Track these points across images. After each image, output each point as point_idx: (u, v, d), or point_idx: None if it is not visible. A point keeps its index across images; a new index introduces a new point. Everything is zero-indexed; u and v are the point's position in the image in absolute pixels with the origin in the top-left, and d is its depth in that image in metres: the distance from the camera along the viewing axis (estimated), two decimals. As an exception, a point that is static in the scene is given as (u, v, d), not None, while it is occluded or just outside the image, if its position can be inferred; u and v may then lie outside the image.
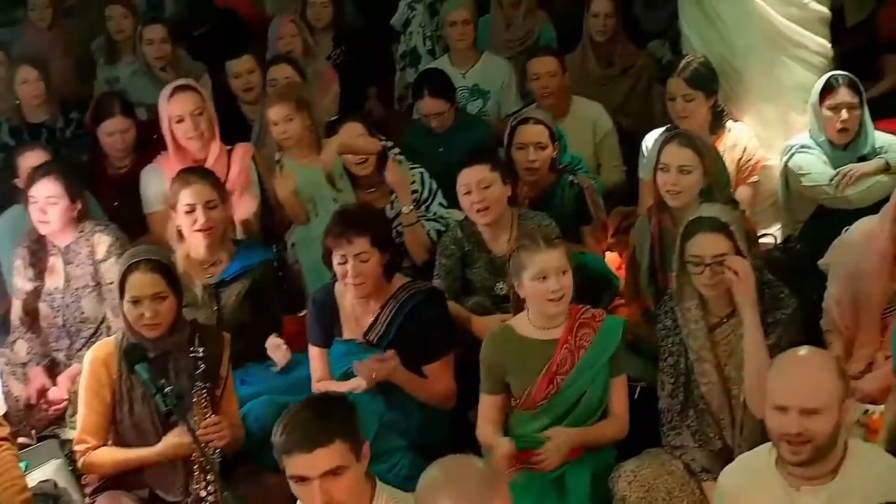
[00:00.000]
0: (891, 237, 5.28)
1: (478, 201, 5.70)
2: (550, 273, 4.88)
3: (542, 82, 7.17)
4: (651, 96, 7.70)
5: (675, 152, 5.57)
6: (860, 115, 6.30)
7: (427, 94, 7.15)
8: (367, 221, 5.27)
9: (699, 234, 4.82)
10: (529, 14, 8.46)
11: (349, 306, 5.35)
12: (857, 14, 8.09)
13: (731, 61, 6.64)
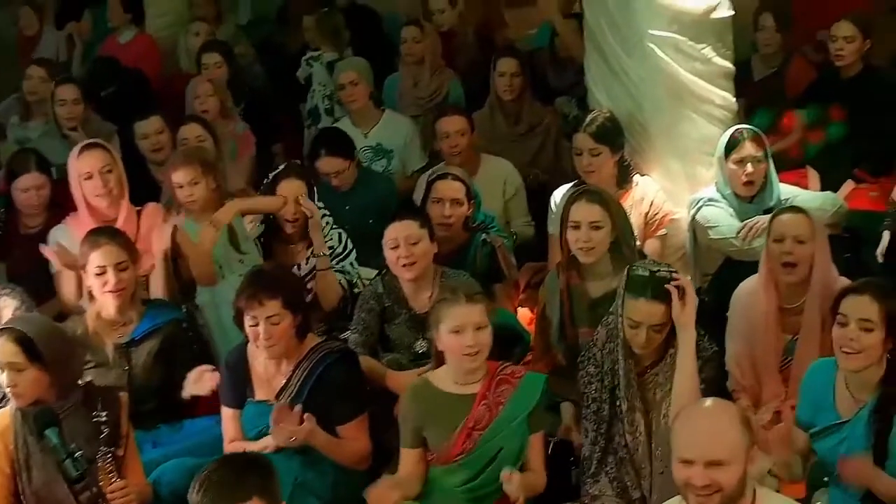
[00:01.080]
0: (770, 292, 5.46)
1: (405, 256, 5.70)
2: (467, 328, 4.90)
3: (451, 141, 7.20)
4: (559, 152, 7.75)
5: (584, 209, 5.62)
6: (765, 168, 6.38)
7: (324, 153, 7.16)
8: (278, 283, 5.25)
9: (641, 298, 4.88)
10: (437, 72, 8.52)
11: (261, 368, 5.31)
12: (764, 69, 8.23)
13: (638, 116, 6.70)
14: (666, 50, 6.58)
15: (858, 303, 4.63)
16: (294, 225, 6.37)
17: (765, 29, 8.22)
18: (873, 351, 4.59)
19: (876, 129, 7.42)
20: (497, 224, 6.69)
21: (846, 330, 4.62)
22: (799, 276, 5.43)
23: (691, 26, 6.61)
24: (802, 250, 5.41)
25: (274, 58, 9.97)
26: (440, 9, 9.20)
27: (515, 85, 7.86)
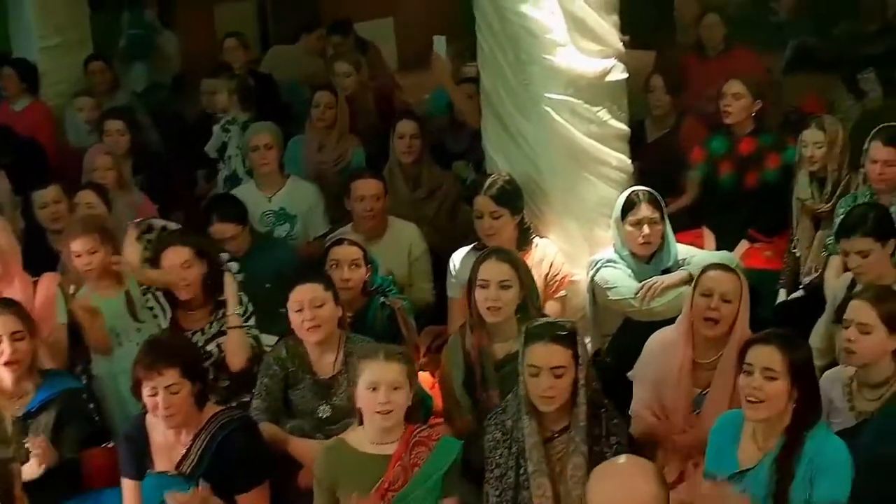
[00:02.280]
0: (686, 346, 5.51)
1: (309, 319, 5.66)
2: (382, 385, 4.89)
3: (366, 204, 7.20)
4: (457, 216, 7.78)
5: (493, 268, 5.64)
6: (662, 229, 6.45)
7: (215, 219, 7.13)
8: (176, 352, 5.20)
9: (540, 342, 4.88)
10: (342, 137, 8.53)
11: (161, 438, 5.23)
12: (657, 130, 8.34)
13: (536, 179, 6.74)
14: (562, 113, 6.64)
15: (763, 352, 4.70)
16: (189, 290, 6.32)
17: (655, 91, 8.34)
18: (777, 400, 4.65)
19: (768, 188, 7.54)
20: (395, 288, 6.68)
21: (751, 379, 4.68)
22: (719, 332, 5.48)
23: (587, 89, 6.68)
24: (728, 308, 5.46)
25: (171, 125, 9.93)
26: (346, 73, 9.22)
27: (415, 147, 7.91)
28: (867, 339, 5.04)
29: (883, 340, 5.03)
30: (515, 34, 6.63)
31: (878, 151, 6.50)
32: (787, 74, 10.84)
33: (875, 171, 6.49)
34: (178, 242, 6.43)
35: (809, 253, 6.95)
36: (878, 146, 6.52)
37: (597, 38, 6.71)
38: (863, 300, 5.16)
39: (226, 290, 6.26)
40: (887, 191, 6.40)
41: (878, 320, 5.05)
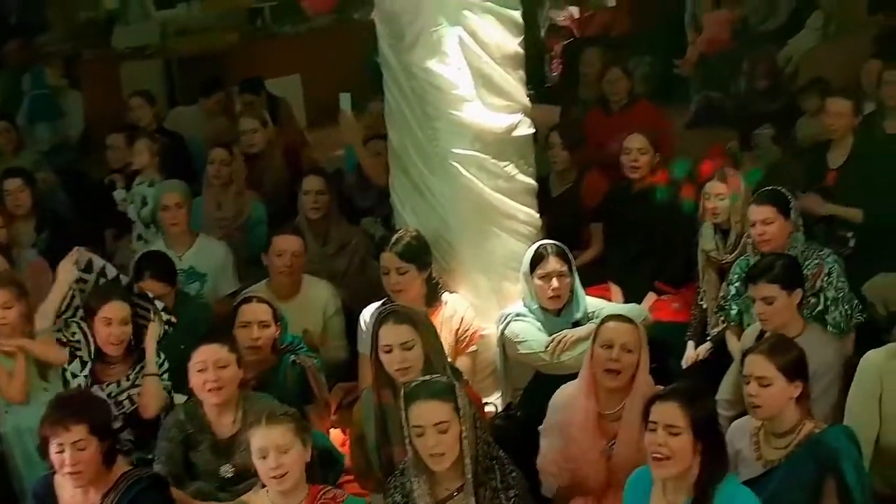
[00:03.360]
0: (589, 398, 5.54)
1: (212, 380, 5.61)
2: (270, 450, 4.87)
3: (286, 259, 7.16)
4: (366, 272, 7.77)
5: (393, 331, 5.60)
6: (570, 282, 6.49)
7: (149, 276, 7.05)
8: (84, 408, 5.13)
9: (418, 401, 4.88)
10: (239, 194, 8.51)
11: (69, 497, 5.16)
12: (560, 185, 8.40)
13: (444, 234, 6.77)
14: (470, 168, 6.68)
15: (665, 409, 4.73)
16: (118, 348, 6.26)
17: (553, 147, 8.39)
18: (683, 456, 4.68)
19: (672, 241, 7.62)
20: (305, 345, 6.64)
21: (655, 436, 4.71)
22: (621, 383, 5.51)
23: (494, 144, 6.73)
24: (628, 358, 5.50)
25: (77, 184, 9.84)
26: (252, 129, 9.20)
27: (321, 203, 7.91)
28: (768, 391, 5.08)
29: (784, 390, 5.07)
30: (422, 90, 6.67)
31: (755, 213, 6.58)
32: (691, 128, 11.01)
33: (756, 233, 6.57)
34: (118, 297, 6.36)
35: (716, 304, 7.00)
36: (753, 208, 6.61)
37: (503, 94, 6.77)
38: (758, 354, 5.19)
39: (147, 336, 6.23)
40: (775, 250, 6.47)
41: (776, 371, 5.08)
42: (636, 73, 10.39)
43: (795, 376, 5.10)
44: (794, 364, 5.13)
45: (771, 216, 6.51)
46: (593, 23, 13.94)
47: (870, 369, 5.55)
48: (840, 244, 7.27)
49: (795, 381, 5.09)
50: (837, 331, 6.33)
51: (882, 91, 8.47)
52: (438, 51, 6.60)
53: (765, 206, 6.54)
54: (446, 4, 6.57)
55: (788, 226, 6.54)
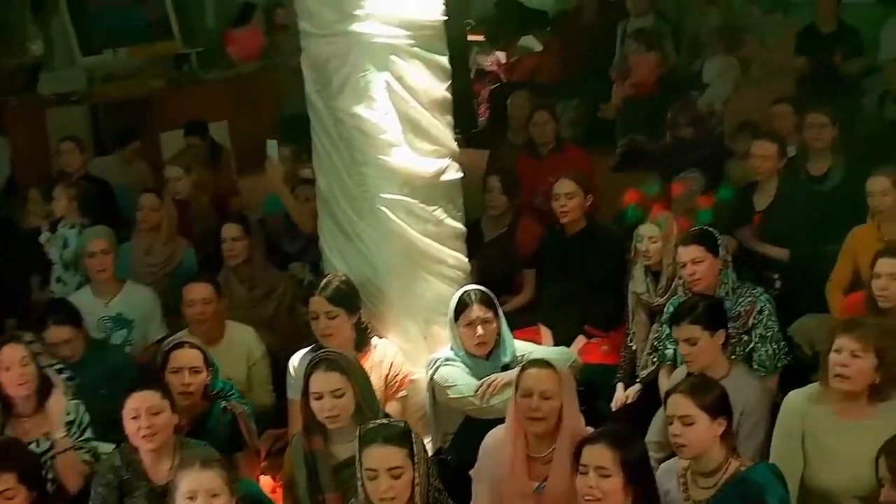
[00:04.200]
0: (517, 442, 5.55)
1: (146, 427, 5.55)
2: (199, 494, 4.83)
3: (196, 309, 7.12)
4: (295, 317, 7.74)
5: (323, 378, 5.59)
6: (496, 328, 6.51)
7: (51, 323, 6.98)
8: (12, 457, 5.09)
9: (374, 444, 4.87)
10: (170, 240, 8.47)
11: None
12: (494, 229, 8.42)
13: (373, 279, 6.76)
14: (398, 213, 6.69)
15: (595, 452, 4.76)
16: (25, 388, 6.16)
17: (492, 191, 8.42)
18: (614, 498, 4.71)
19: (602, 284, 7.66)
20: (236, 391, 6.61)
21: (587, 478, 4.75)
22: (546, 428, 5.51)
23: (422, 189, 6.74)
24: (548, 405, 5.50)
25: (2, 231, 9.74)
26: (176, 176, 9.18)
27: (237, 250, 7.90)
28: (692, 430, 5.10)
29: (707, 429, 5.10)
30: (350, 135, 6.68)
31: (683, 254, 6.64)
32: (618, 172, 11.07)
33: (686, 273, 6.63)
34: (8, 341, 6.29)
35: (645, 346, 7.04)
36: (682, 249, 6.66)
37: (431, 139, 6.80)
38: (678, 393, 5.21)
39: (48, 411, 6.13)
40: (706, 291, 6.52)
41: (698, 410, 5.10)
42: (563, 117, 10.46)
43: (718, 413, 5.13)
44: (715, 402, 5.16)
45: (699, 255, 6.56)
46: (520, 67, 14.02)
47: (791, 410, 5.61)
48: (767, 286, 7.33)
49: (718, 418, 5.12)
50: (763, 370, 6.38)
51: (806, 134, 8.58)
52: (366, 96, 6.62)
53: (692, 246, 6.59)
54: (373, 50, 6.59)
55: (718, 264, 6.59)
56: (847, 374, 5.39)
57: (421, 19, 6.70)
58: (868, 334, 5.44)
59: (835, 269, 7.39)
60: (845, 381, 5.41)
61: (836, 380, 5.41)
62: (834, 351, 5.43)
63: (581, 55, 13.20)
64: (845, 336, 5.43)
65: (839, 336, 5.45)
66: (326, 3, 6.63)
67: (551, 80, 13.34)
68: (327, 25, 6.65)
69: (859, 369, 5.39)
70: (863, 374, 5.40)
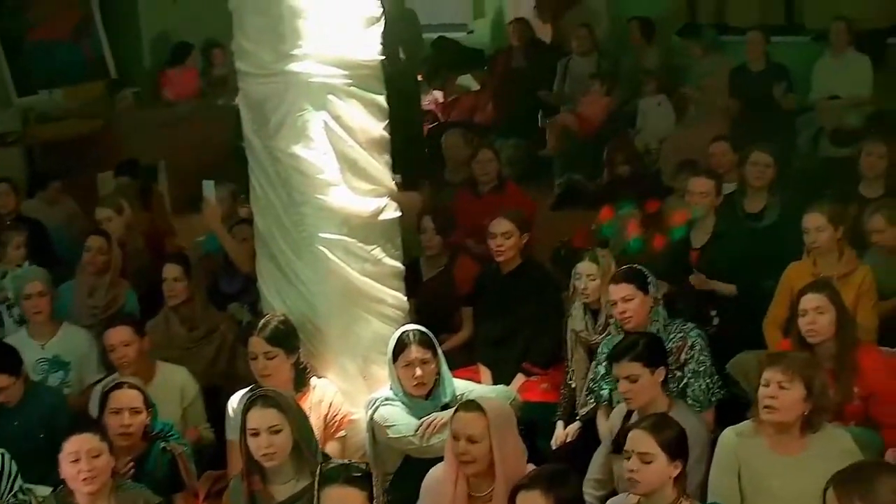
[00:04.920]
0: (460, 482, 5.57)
1: (86, 470, 5.50)
2: None
3: (118, 353, 7.05)
4: (234, 357, 7.70)
5: (260, 415, 5.57)
6: (435, 368, 6.51)
7: None
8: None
9: (335, 485, 4.88)
10: (114, 282, 8.41)
11: None
12: (432, 268, 8.42)
13: (312, 318, 6.74)
14: (336, 252, 6.68)
15: (528, 498, 4.77)
16: None
17: (426, 232, 8.42)
18: None
19: (540, 322, 7.67)
20: (176, 432, 6.56)
21: None
22: (478, 469, 5.52)
23: (360, 228, 6.74)
24: (477, 448, 5.51)
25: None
26: (106, 217, 9.12)
27: (178, 290, 7.84)
28: (649, 467, 5.12)
29: (664, 468, 5.11)
30: (288, 175, 6.67)
31: (614, 292, 6.67)
32: (556, 210, 11.14)
33: (617, 311, 6.65)
34: None
35: (585, 384, 7.05)
36: (612, 287, 6.69)
37: (369, 178, 6.80)
38: (641, 429, 5.24)
39: None
40: (637, 328, 6.54)
41: (658, 448, 5.13)
42: (501, 155, 10.51)
43: (676, 455, 5.15)
44: (675, 441, 5.19)
45: (630, 293, 6.59)
46: (457, 106, 14.07)
47: (727, 446, 5.63)
48: (705, 322, 7.38)
49: (676, 460, 5.14)
50: (698, 405, 6.41)
51: (748, 172, 8.65)
52: (303, 135, 6.61)
53: (623, 284, 6.62)
54: (311, 89, 6.59)
55: (648, 301, 6.62)
56: (776, 406, 5.43)
57: (358, 59, 6.71)
58: (794, 365, 5.48)
59: (771, 305, 7.45)
60: (774, 412, 5.44)
61: (765, 412, 5.45)
62: (762, 384, 5.47)
63: (519, 93, 13.28)
64: (772, 368, 5.48)
65: (766, 369, 5.50)
66: (263, 42, 6.63)
67: (489, 119, 13.42)
68: (264, 65, 6.65)
69: (788, 400, 5.42)
70: (792, 405, 5.43)
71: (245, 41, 6.73)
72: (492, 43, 14.81)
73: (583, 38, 13.11)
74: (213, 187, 7.99)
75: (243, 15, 6.70)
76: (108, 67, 13.66)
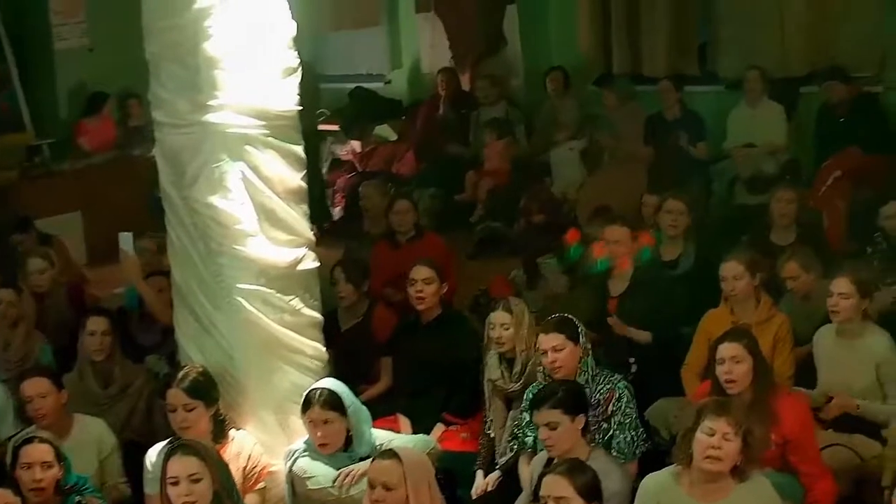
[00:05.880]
0: None
1: None
2: None
3: (35, 405, 6.96)
4: (152, 411, 7.63)
5: (180, 463, 5.53)
6: (343, 426, 6.48)
7: None
8: None
9: None
10: (28, 335, 8.31)
11: None
12: (350, 319, 8.39)
13: (230, 370, 6.70)
14: (254, 303, 6.65)
15: None
16: None
17: (338, 282, 8.39)
18: None
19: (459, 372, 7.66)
20: (91, 485, 6.48)
21: None
22: None
23: (278, 279, 6.72)
24: (392, 496, 5.50)
25: None
26: (39, 269, 9.04)
27: (105, 344, 7.74)
28: None
29: None
30: (205, 226, 6.65)
31: (544, 341, 6.68)
32: (474, 259, 11.17)
33: (547, 361, 6.67)
34: None
35: (503, 433, 7.05)
36: (542, 337, 6.70)
37: (287, 228, 6.79)
38: (556, 474, 5.26)
39: None
40: (567, 378, 6.56)
41: (574, 492, 5.15)
42: (419, 205, 10.53)
43: (592, 499, 5.18)
44: (590, 486, 5.22)
45: (560, 343, 6.61)
46: (375, 156, 14.10)
47: (647, 494, 5.65)
48: (623, 370, 7.41)
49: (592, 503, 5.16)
50: (623, 457, 6.43)
51: (662, 219, 8.74)
52: (221, 186, 6.59)
53: (553, 334, 6.64)
54: (228, 140, 6.58)
55: (578, 351, 6.65)
56: (720, 456, 5.44)
57: (275, 109, 6.71)
58: (738, 416, 5.51)
59: (689, 353, 7.51)
60: (718, 462, 5.45)
61: (706, 461, 5.45)
62: (705, 433, 5.47)
63: (436, 143, 13.35)
64: (719, 419, 5.46)
65: (711, 418, 5.48)
66: (180, 93, 6.62)
67: (408, 169, 13.45)
68: (181, 115, 6.63)
69: (732, 451, 5.45)
70: (734, 456, 5.46)
71: (162, 91, 6.72)
72: (409, 93, 14.87)
73: (485, 88, 13.27)
74: (130, 239, 7.93)
75: (160, 65, 6.69)
76: (24, 119, 13.54)
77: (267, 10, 6.70)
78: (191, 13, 6.50)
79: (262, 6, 6.68)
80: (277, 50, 6.75)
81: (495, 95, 13.22)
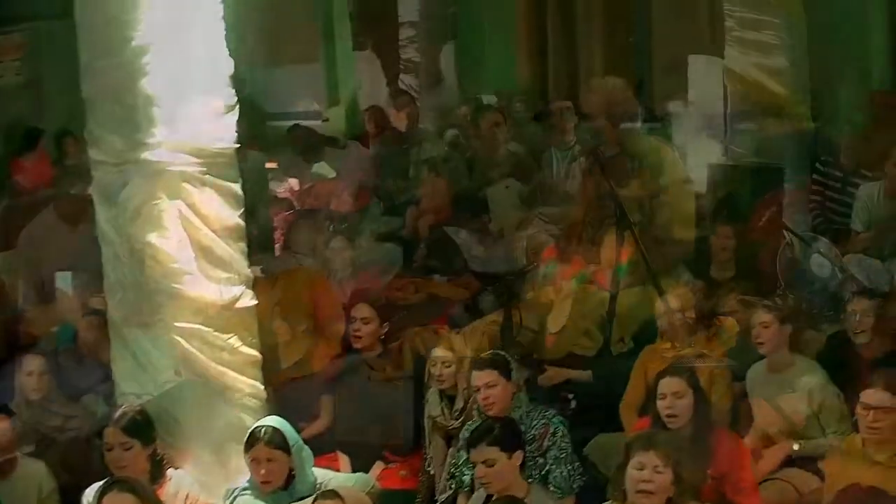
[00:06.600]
0: None
1: None
2: None
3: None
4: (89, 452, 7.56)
5: (116, 500, 5.57)
6: (286, 465, 6.43)
7: None
8: None
9: None
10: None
11: None
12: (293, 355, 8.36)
13: (168, 408, 6.64)
14: (192, 341, 6.61)
15: None
16: None
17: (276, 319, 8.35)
18: None
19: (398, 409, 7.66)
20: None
21: None
22: None
23: (216, 317, 6.68)
24: None
25: None
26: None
27: (43, 383, 7.71)
28: None
29: None
30: (143, 264, 6.60)
31: (477, 378, 6.70)
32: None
33: (480, 397, 6.68)
34: None
35: (443, 470, 7.05)
36: (475, 374, 6.73)
37: (225, 266, 6.75)
38: None
39: None
40: (500, 414, 6.57)
41: None
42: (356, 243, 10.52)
43: None
44: None
45: (493, 380, 6.62)
46: (313, 193, 14.06)
47: None
48: (562, 405, 7.43)
49: None
50: (560, 492, 6.45)
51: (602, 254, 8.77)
52: (158, 224, 6.55)
53: (486, 371, 6.65)
54: (165, 178, 6.55)
55: (511, 387, 6.66)
56: (652, 490, 5.46)
57: (213, 147, 6.69)
58: (668, 449, 5.54)
59: (628, 388, 7.55)
60: (650, 496, 5.48)
61: (639, 496, 5.47)
62: (635, 468, 5.49)
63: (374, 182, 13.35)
64: (647, 452, 5.50)
65: (639, 452, 5.52)
66: (116, 130, 6.58)
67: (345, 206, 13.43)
68: (118, 153, 6.59)
69: (663, 484, 5.47)
70: (666, 489, 5.48)
71: (98, 129, 6.68)
72: (347, 130, 14.87)
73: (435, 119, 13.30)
74: (69, 278, 7.88)
75: (97, 102, 6.66)
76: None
77: (204, 47, 6.69)
78: (128, 51, 6.48)
79: (200, 43, 6.67)
80: (215, 87, 6.75)
81: (434, 134, 13.25)
